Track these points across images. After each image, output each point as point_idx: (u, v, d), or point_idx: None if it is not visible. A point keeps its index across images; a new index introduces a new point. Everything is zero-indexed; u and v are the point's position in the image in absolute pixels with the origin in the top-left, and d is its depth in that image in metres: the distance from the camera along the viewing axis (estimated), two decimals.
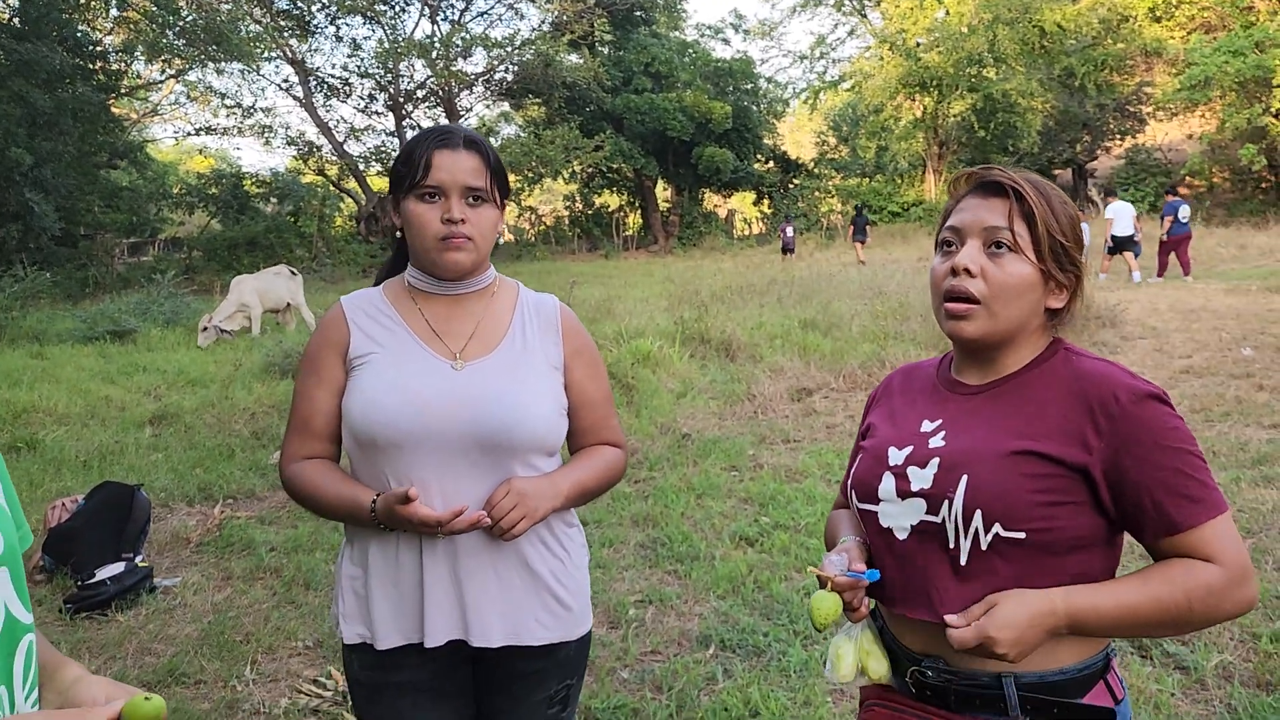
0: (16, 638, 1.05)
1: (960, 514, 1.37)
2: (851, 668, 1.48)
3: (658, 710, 3.27)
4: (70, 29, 22.11)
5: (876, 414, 1.65)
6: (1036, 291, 1.42)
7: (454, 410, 1.65)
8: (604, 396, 1.86)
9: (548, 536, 1.77)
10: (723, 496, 5.61)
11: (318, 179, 32.40)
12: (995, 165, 1.48)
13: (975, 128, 31.40)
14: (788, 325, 11.12)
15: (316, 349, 1.78)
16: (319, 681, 3.59)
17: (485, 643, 1.70)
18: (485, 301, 1.81)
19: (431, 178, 1.67)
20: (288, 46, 28.99)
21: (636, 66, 33.03)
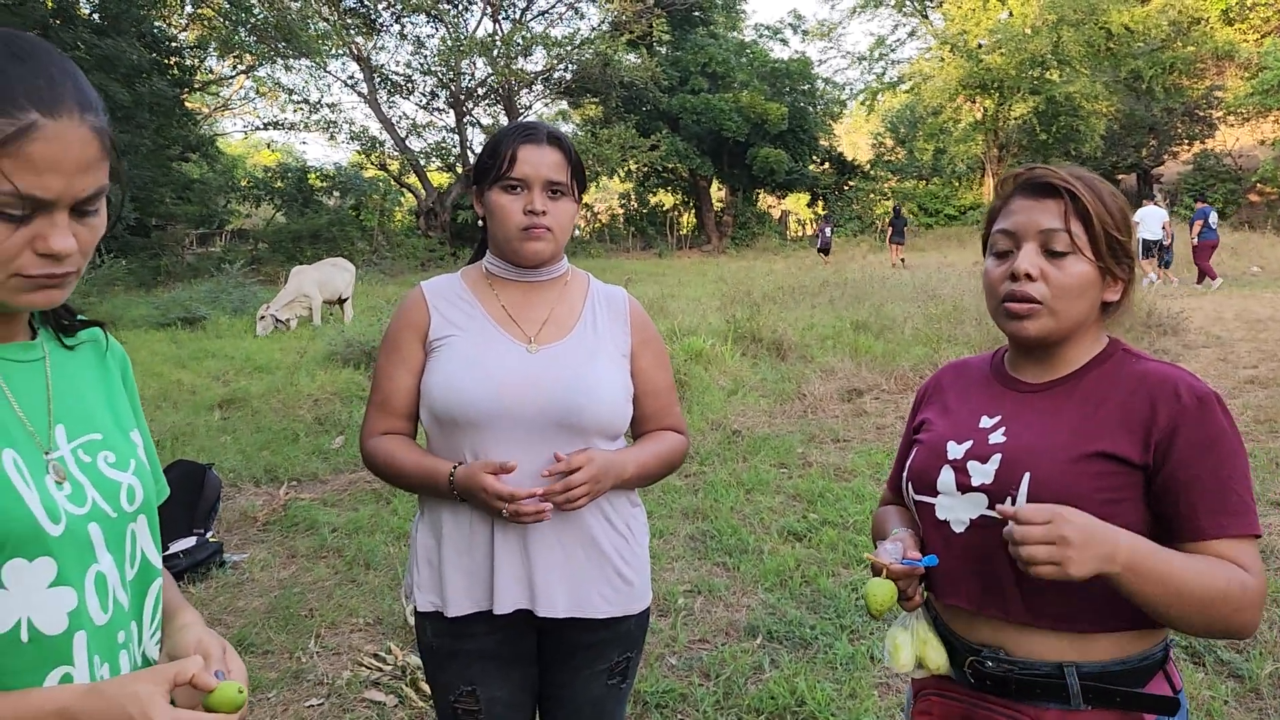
0: (149, 581, 1.17)
1: None
2: (911, 657, 1.50)
3: (705, 697, 3.37)
4: (147, 25, 22.74)
5: (930, 409, 1.66)
6: (1096, 288, 1.43)
7: (528, 390, 1.74)
8: (668, 385, 1.95)
9: (612, 514, 1.85)
10: (772, 492, 5.69)
11: (379, 174, 32.93)
12: (1042, 165, 1.48)
13: (1037, 131, 30.95)
14: (839, 326, 11.13)
15: (397, 331, 1.86)
16: (379, 656, 3.75)
17: (550, 613, 1.79)
18: (559, 290, 1.89)
19: (516, 171, 1.76)
20: (354, 44, 29.51)
21: (693, 66, 33.06)
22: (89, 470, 1.10)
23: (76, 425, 1.12)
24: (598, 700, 1.92)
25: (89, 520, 1.07)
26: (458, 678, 1.86)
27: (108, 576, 1.08)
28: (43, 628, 1.01)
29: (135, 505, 1.14)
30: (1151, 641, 1.40)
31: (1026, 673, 1.40)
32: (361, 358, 9.54)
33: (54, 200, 0.98)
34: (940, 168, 35.82)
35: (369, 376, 8.96)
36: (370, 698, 3.45)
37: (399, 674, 3.60)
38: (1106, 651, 1.38)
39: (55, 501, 1.04)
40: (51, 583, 1.02)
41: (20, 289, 1.01)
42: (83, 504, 1.07)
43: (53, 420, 1.10)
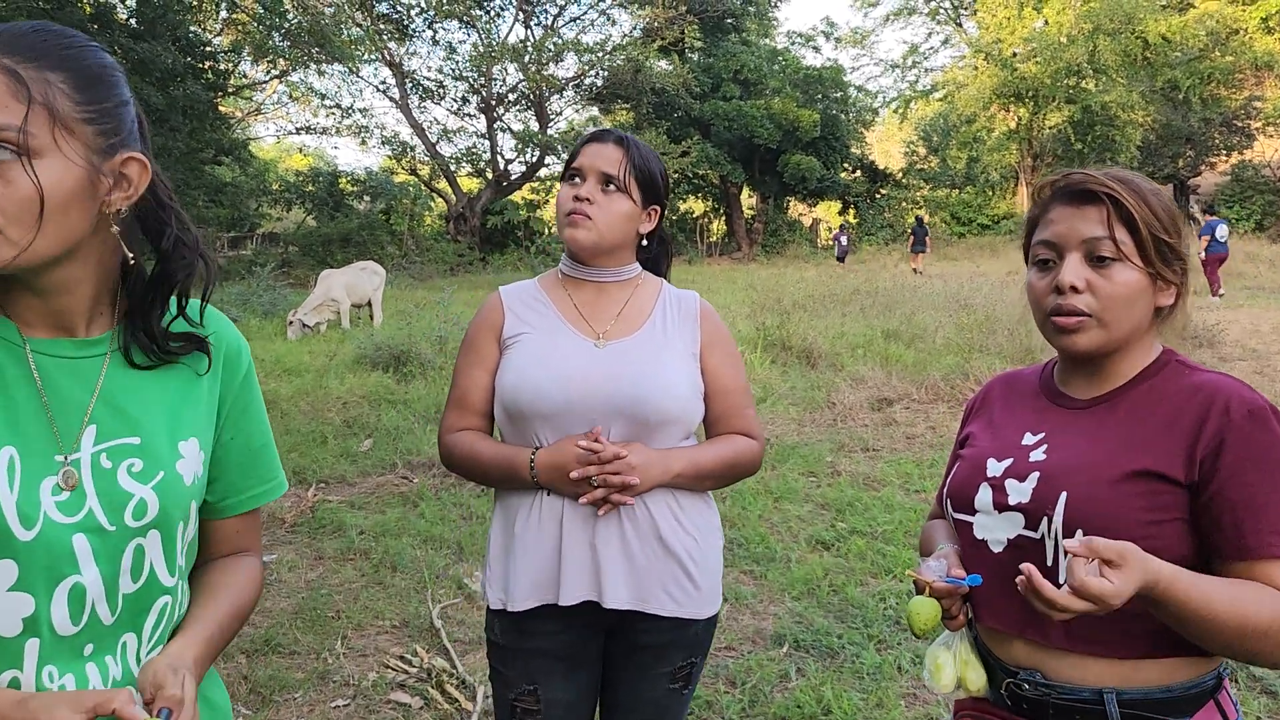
0: (153, 596, 1.14)
1: (1060, 532, 1.33)
2: (952, 678, 1.46)
3: (730, 704, 3.34)
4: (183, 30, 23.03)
5: (976, 424, 1.62)
6: (1147, 295, 1.37)
7: (595, 384, 1.78)
8: (739, 386, 1.93)
9: (683, 515, 1.85)
10: (800, 501, 5.65)
11: (410, 178, 33.13)
12: (1081, 170, 1.41)
13: (1072, 140, 30.66)
14: (870, 335, 11.06)
15: (475, 332, 1.93)
16: (405, 658, 3.75)
17: (615, 604, 1.80)
18: (629, 291, 1.94)
19: (576, 162, 1.87)
20: (386, 49, 29.74)
21: (725, 73, 33.04)
22: (103, 478, 1.08)
23: (112, 428, 1.10)
24: (658, 703, 1.91)
25: (75, 530, 1.04)
26: (521, 675, 1.88)
27: (88, 589, 1.05)
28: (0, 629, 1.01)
29: (145, 520, 1.10)
30: (1201, 669, 1.34)
31: (1065, 697, 1.35)
32: (390, 361, 9.58)
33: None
34: (973, 176, 35.56)
35: (398, 380, 9.02)
36: (396, 699, 3.45)
37: (425, 676, 3.59)
38: (1150, 678, 1.32)
39: (37, 507, 1.02)
40: (11, 587, 1.01)
41: None
42: (74, 514, 1.05)
43: (87, 420, 1.09)
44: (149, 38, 21.06)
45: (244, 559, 1.33)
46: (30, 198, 0.97)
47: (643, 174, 1.87)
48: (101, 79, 1.05)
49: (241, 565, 1.31)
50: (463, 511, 5.47)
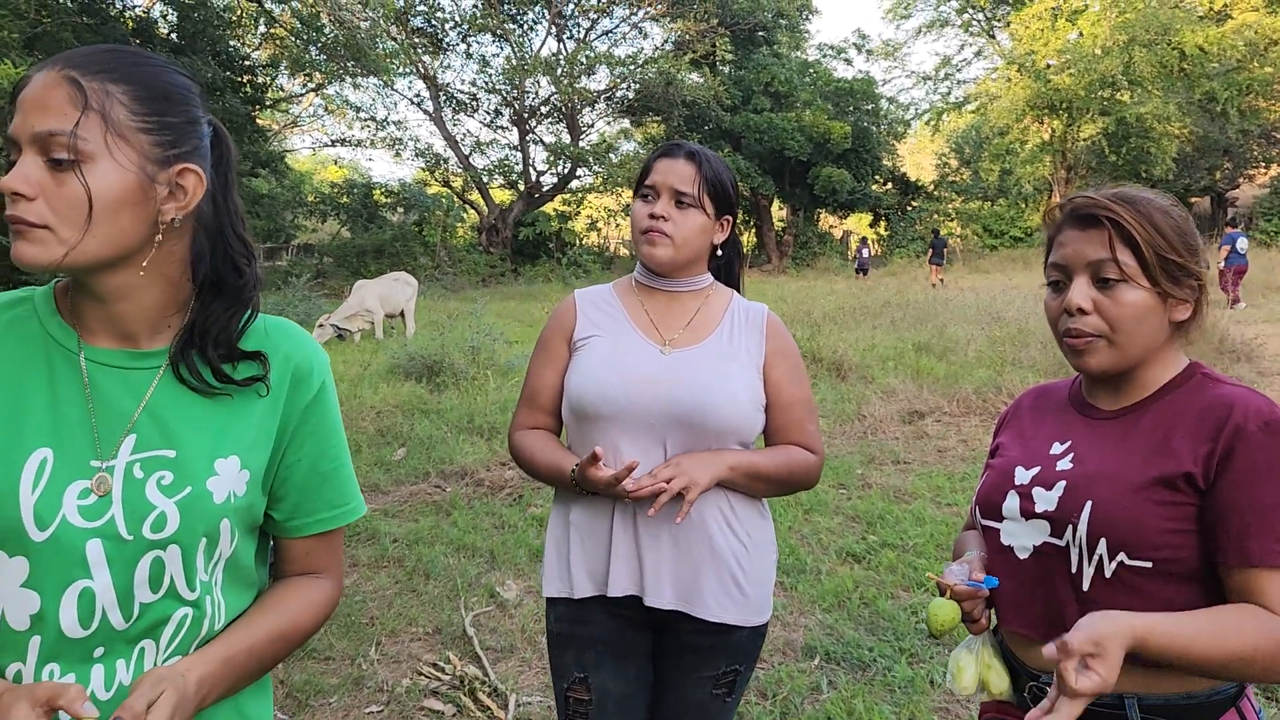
0: (173, 608, 1.15)
1: (1085, 540, 1.36)
2: (973, 680, 1.49)
3: (762, 715, 3.35)
4: (222, 44, 23.43)
5: (1006, 434, 1.65)
6: (1157, 313, 1.39)
7: (656, 388, 1.83)
8: (802, 400, 1.95)
9: (734, 520, 1.88)
10: (830, 513, 5.65)
11: (443, 190, 33.42)
12: (1086, 193, 1.45)
13: (1106, 152, 30.37)
14: (901, 348, 11.02)
15: (548, 333, 2.00)
16: (438, 665, 3.79)
17: (658, 603, 1.85)
18: (700, 301, 1.98)
19: (649, 179, 1.90)
20: (421, 62, 30.05)
21: (756, 86, 33.07)
22: (132, 488, 1.10)
23: (151, 439, 1.13)
24: (701, 707, 1.94)
25: (92, 536, 1.07)
26: (573, 663, 1.94)
27: (98, 594, 1.07)
28: (11, 622, 1.06)
29: (163, 534, 1.11)
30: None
31: None
32: (424, 371, 9.66)
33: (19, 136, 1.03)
34: (1006, 189, 35.30)
35: (431, 390, 9.09)
36: (429, 706, 3.49)
37: (458, 683, 3.63)
38: (1171, 686, 1.34)
39: (55, 510, 1.05)
40: (23, 583, 1.05)
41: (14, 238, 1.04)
42: (94, 519, 1.07)
43: (129, 430, 1.12)
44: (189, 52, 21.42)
45: (312, 581, 1.32)
46: (79, 199, 1.03)
47: (715, 187, 1.91)
48: (168, 95, 1.11)
49: (304, 587, 1.31)
50: (495, 520, 5.51)
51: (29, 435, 1.06)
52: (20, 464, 1.05)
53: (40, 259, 1.03)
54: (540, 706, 3.48)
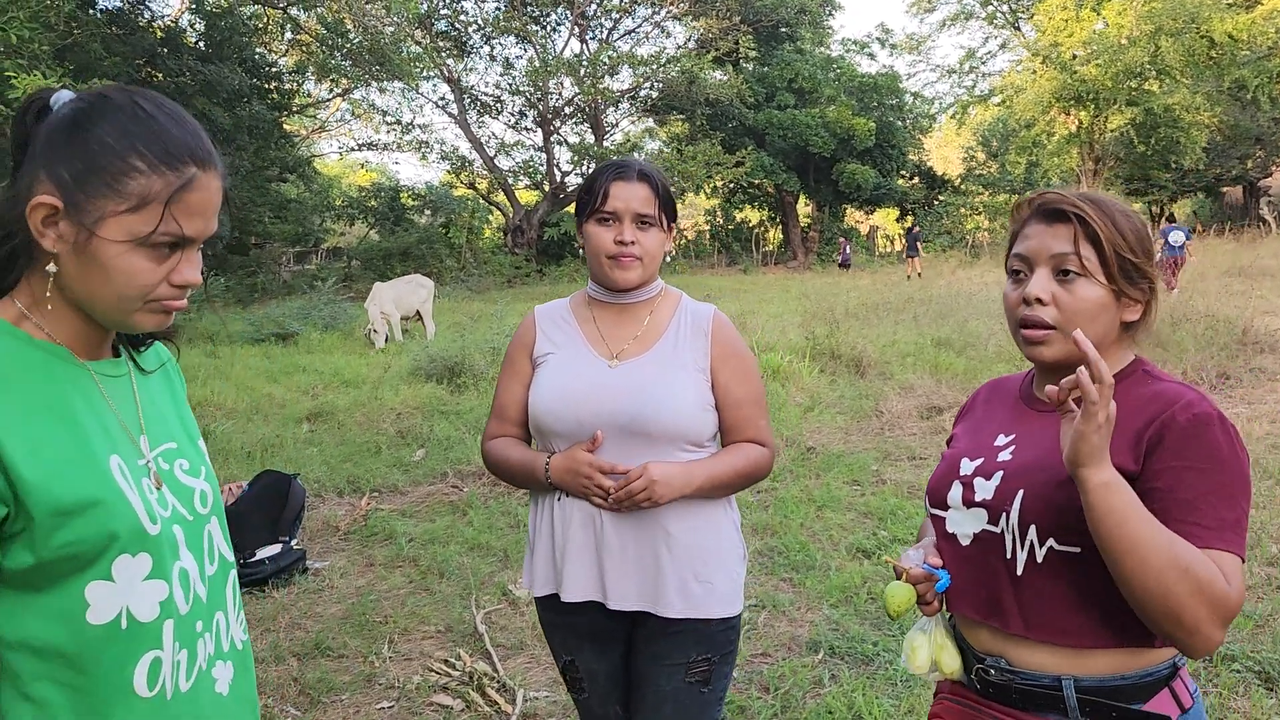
0: (225, 573, 1.30)
1: (1017, 526, 1.42)
2: (926, 660, 1.55)
3: (763, 709, 3.39)
4: (249, 51, 23.72)
5: (962, 425, 1.71)
6: (1110, 311, 1.44)
7: (602, 401, 1.92)
8: (750, 398, 2.02)
9: (694, 517, 1.95)
10: (843, 509, 5.67)
11: (468, 192, 33.65)
12: (1055, 190, 1.50)
13: (1135, 143, 30.02)
14: (920, 343, 11.00)
15: (513, 350, 2.13)
16: (449, 662, 3.86)
17: (621, 606, 1.94)
18: (650, 309, 2.05)
19: (608, 205, 1.96)
20: (445, 66, 30.26)
21: (780, 82, 33.00)
22: (167, 477, 1.22)
23: (157, 435, 1.24)
24: (676, 697, 1.99)
25: (173, 522, 1.18)
26: (561, 648, 2.12)
27: (189, 572, 1.19)
28: (139, 616, 1.12)
29: (207, 508, 1.26)
30: (1154, 659, 1.41)
31: (1026, 683, 1.44)
32: (444, 373, 9.77)
33: (195, 238, 1.15)
34: (1033, 181, 34.92)
35: (451, 391, 9.19)
36: (438, 701, 3.56)
37: (467, 679, 3.70)
38: (1105, 667, 1.39)
39: (151, 503, 1.15)
40: (147, 576, 1.13)
41: (149, 311, 1.15)
42: (166, 507, 1.18)
43: (141, 430, 1.22)
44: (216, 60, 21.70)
45: None
46: None
47: (667, 201, 2.00)
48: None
49: None
50: (510, 520, 5.59)
51: (96, 444, 1.13)
52: (108, 471, 1.11)
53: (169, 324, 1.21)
54: (546, 702, 3.55)
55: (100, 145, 1.09)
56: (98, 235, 1.09)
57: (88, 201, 1.08)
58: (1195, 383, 8.73)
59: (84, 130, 1.10)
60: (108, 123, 1.10)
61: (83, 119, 1.11)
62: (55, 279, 1.12)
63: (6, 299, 1.16)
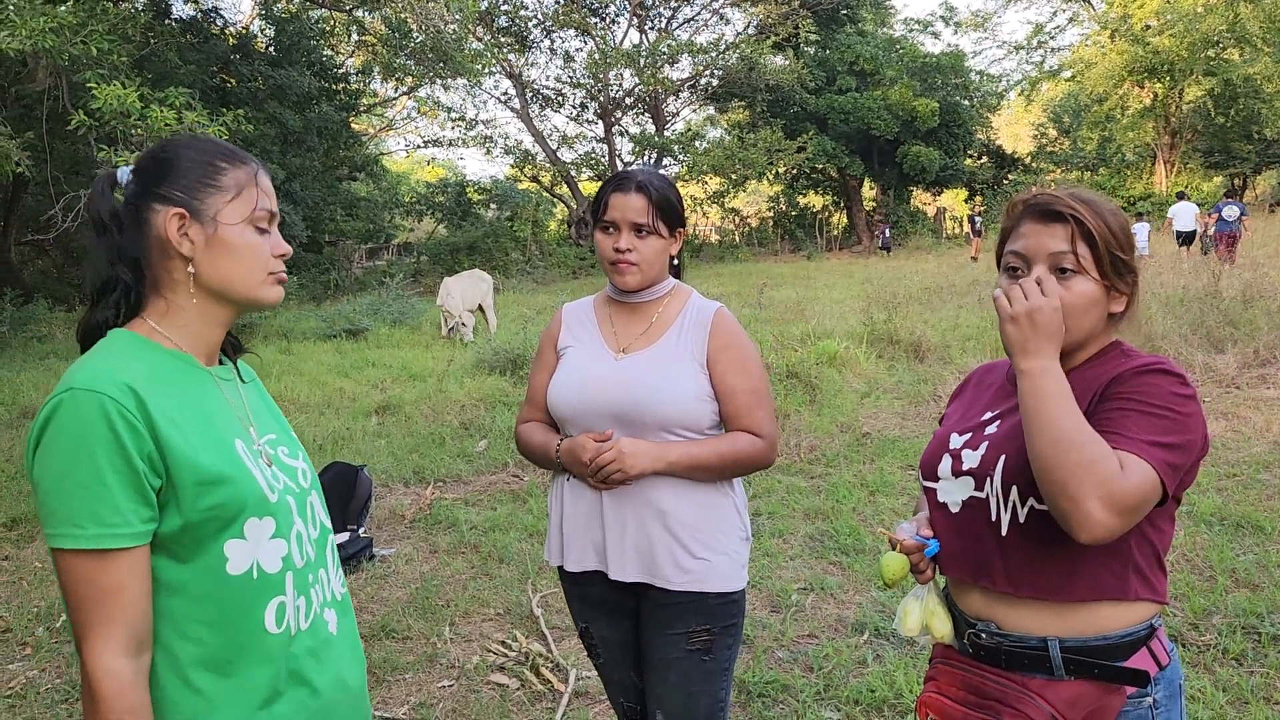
0: (325, 538, 1.54)
1: (1000, 488, 1.53)
2: (917, 624, 1.68)
3: (806, 687, 3.49)
4: (317, 55, 24.32)
5: (954, 405, 1.83)
6: (1101, 305, 1.54)
7: (605, 391, 2.10)
8: (747, 389, 2.12)
9: (696, 496, 2.10)
10: (896, 494, 5.72)
11: (532, 186, 34.03)
12: (1049, 191, 1.59)
13: (1213, 114, 29.11)
14: (983, 326, 10.90)
15: (542, 342, 2.33)
16: (505, 643, 4.03)
17: (621, 577, 2.10)
18: (659, 307, 2.20)
19: (607, 215, 2.13)
20: (507, 61, 30.62)
21: (841, 65, 32.69)
22: (274, 459, 1.47)
23: (261, 427, 1.49)
24: (679, 665, 2.12)
25: (286, 494, 1.43)
26: (577, 616, 2.31)
27: (302, 534, 1.45)
28: (266, 568, 1.37)
29: (308, 484, 1.51)
30: (1133, 620, 1.51)
31: (1015, 645, 1.54)
32: (507, 365, 9.98)
33: (277, 215, 1.46)
34: (1107, 157, 34.13)
35: (514, 383, 9.39)
36: (495, 680, 3.73)
37: (523, 659, 3.86)
38: (1087, 627, 1.50)
39: (269, 478, 1.40)
40: (272, 535, 1.38)
41: (271, 284, 1.44)
42: (279, 482, 1.43)
43: (249, 421, 1.47)
44: (286, 64, 22.30)
45: None
46: None
47: (665, 210, 2.12)
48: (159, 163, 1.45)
49: None
50: None
51: (224, 430, 1.39)
52: (235, 451, 1.37)
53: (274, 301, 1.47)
54: (598, 681, 3.69)
55: (191, 163, 1.40)
56: (221, 223, 1.39)
57: (203, 203, 1.39)
58: (1267, 361, 8.54)
59: (171, 160, 1.40)
60: (182, 149, 1.42)
61: (162, 156, 1.41)
62: (194, 278, 1.39)
63: (138, 318, 1.41)
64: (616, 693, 2.33)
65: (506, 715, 3.47)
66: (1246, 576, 4.23)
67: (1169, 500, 1.45)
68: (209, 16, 21.92)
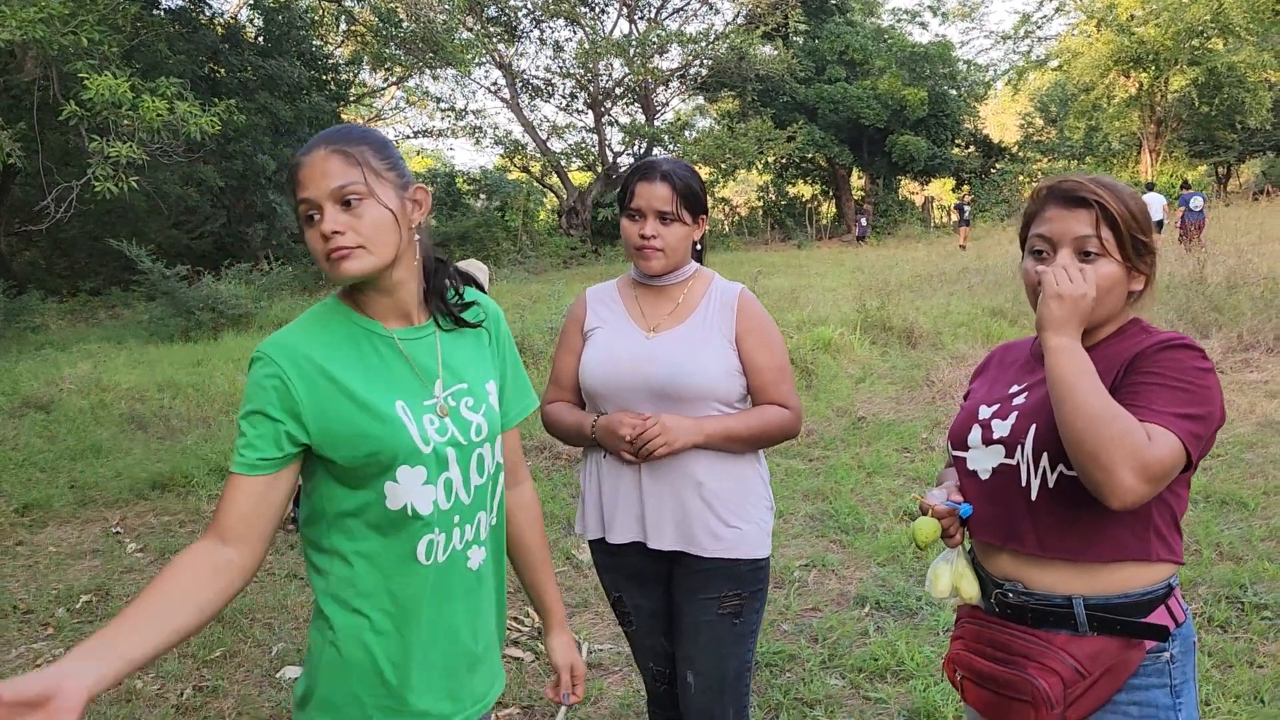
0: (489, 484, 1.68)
1: (1030, 455, 1.61)
2: (947, 586, 1.75)
3: (811, 657, 3.63)
4: (306, 45, 24.28)
5: (977, 382, 1.91)
6: (1123, 284, 1.62)
7: (638, 367, 2.21)
8: (773, 365, 2.26)
9: (727, 467, 2.22)
10: (892, 475, 5.86)
11: (523, 176, 34.05)
12: (1072, 177, 1.67)
13: (1198, 104, 29.35)
14: (973, 313, 11.06)
15: (567, 325, 2.41)
16: (518, 619, 4.16)
17: (660, 546, 2.22)
18: (684, 290, 2.32)
19: (634, 203, 2.23)
20: (496, 51, 30.58)
21: (830, 55, 32.79)
22: (453, 412, 1.61)
23: (450, 379, 1.63)
24: (711, 628, 2.25)
25: (447, 445, 1.58)
26: (610, 586, 2.41)
27: (454, 481, 1.59)
28: (419, 509, 1.55)
29: (481, 437, 1.64)
30: (1154, 579, 1.60)
31: (1040, 603, 1.63)
32: None
33: (316, 198, 1.50)
34: (1093, 146, 34.35)
35: None
36: (509, 654, 3.85)
37: (536, 634, 3.99)
38: (1111, 586, 1.58)
39: (426, 432, 1.55)
40: (424, 482, 1.55)
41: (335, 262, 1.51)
42: (444, 435, 1.58)
43: (437, 376, 1.61)
44: (276, 54, 22.27)
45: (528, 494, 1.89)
46: (376, 223, 1.51)
47: (688, 199, 2.23)
48: (385, 144, 1.59)
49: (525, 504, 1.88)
50: (572, 490, 5.87)
51: (385, 392, 1.55)
52: (394, 411, 1.54)
53: (360, 270, 1.51)
54: (610, 653, 3.82)
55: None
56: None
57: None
58: (1251, 345, 8.72)
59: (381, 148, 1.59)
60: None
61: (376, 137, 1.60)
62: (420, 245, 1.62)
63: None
64: (646, 657, 2.43)
65: (523, 686, 3.60)
66: (1231, 550, 4.39)
67: (1190, 468, 1.53)
68: (197, 6, 21.87)
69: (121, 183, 10.96)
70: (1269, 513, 4.85)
